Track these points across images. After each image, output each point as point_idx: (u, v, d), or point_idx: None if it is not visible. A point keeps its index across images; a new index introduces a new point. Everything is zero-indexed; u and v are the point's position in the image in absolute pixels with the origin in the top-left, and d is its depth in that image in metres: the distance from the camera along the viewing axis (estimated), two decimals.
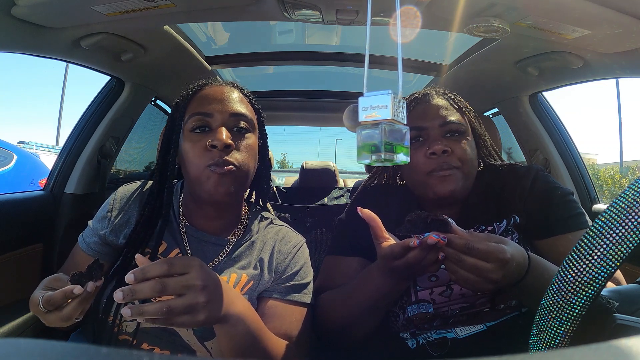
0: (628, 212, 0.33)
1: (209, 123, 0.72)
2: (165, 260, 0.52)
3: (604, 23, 0.85)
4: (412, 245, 0.60)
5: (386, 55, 1.52)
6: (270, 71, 2.01)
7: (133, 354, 0.17)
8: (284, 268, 0.77)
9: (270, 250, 0.79)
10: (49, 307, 0.56)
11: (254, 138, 0.77)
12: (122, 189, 0.82)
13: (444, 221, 0.60)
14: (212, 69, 1.58)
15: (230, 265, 0.76)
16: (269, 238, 0.81)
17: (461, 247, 0.57)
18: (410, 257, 0.61)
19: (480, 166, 0.88)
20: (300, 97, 2.06)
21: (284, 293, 0.75)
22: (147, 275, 0.50)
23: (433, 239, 0.58)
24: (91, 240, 0.78)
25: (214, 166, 0.69)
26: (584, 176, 1.49)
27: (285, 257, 0.78)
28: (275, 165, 3.55)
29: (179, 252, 0.75)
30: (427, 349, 0.79)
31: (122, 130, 1.51)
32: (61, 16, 0.93)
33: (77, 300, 0.56)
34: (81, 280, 0.57)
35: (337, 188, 2.16)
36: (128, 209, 0.78)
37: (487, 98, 1.62)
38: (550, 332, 0.36)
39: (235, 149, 0.71)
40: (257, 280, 0.75)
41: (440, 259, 0.60)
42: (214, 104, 0.73)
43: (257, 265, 0.77)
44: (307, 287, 0.79)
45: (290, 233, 0.84)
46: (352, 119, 0.45)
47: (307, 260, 0.82)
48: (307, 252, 0.83)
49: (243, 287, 0.74)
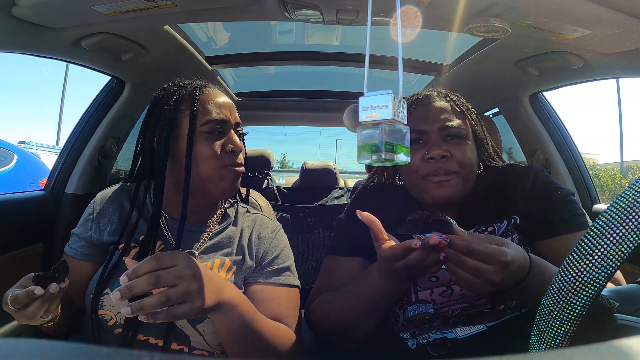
0: (628, 212, 0.33)
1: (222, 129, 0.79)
2: (153, 256, 0.56)
3: (605, 23, 0.85)
4: (413, 246, 0.59)
5: (387, 55, 1.52)
6: (270, 71, 2.01)
7: (133, 354, 0.17)
8: (264, 253, 0.81)
9: (249, 236, 0.82)
10: (15, 306, 0.59)
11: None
12: (100, 194, 0.86)
13: (446, 221, 0.60)
14: (213, 69, 1.58)
15: (213, 251, 0.79)
16: (247, 225, 0.84)
17: (462, 248, 0.57)
18: (412, 258, 0.60)
19: (481, 168, 0.88)
20: (300, 97, 2.07)
21: (268, 277, 0.79)
22: (138, 273, 0.53)
23: (435, 239, 0.57)
24: (77, 245, 0.81)
25: (231, 166, 0.78)
26: (585, 176, 1.49)
27: (265, 242, 0.82)
28: (276, 165, 3.56)
29: (161, 244, 0.79)
30: (427, 349, 0.79)
31: (123, 130, 1.51)
32: (61, 16, 0.94)
33: (39, 301, 0.58)
34: (42, 281, 0.59)
35: (337, 188, 2.17)
36: (108, 209, 0.82)
37: (487, 98, 1.62)
38: (550, 332, 0.36)
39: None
40: (240, 265, 0.79)
41: (441, 260, 0.60)
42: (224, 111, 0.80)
43: (239, 251, 0.80)
44: (290, 269, 0.82)
45: (267, 220, 0.88)
46: (353, 119, 0.45)
47: (286, 244, 0.86)
48: (285, 236, 0.87)
49: (227, 271, 0.77)
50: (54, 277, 0.60)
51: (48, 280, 0.59)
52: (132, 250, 0.77)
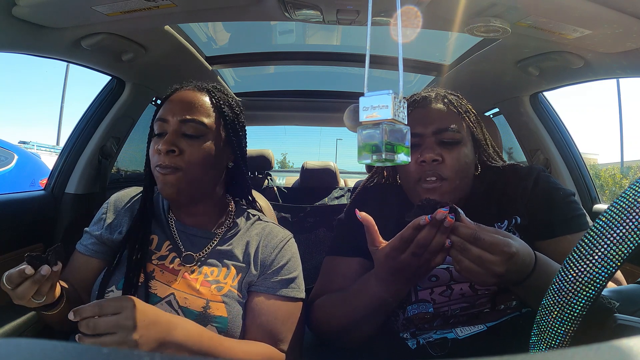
0: (629, 212, 0.33)
1: (165, 129, 0.78)
2: (97, 303, 0.58)
3: (605, 23, 0.85)
4: (422, 222, 0.59)
5: (387, 55, 1.52)
6: (270, 71, 2.01)
7: (133, 354, 0.17)
8: (270, 262, 0.79)
9: (256, 245, 0.81)
10: (9, 285, 0.60)
11: (209, 143, 0.79)
12: (115, 196, 0.87)
13: (453, 209, 0.60)
14: (213, 69, 1.58)
15: (218, 258, 0.78)
16: (255, 234, 0.83)
17: (468, 236, 0.57)
18: (420, 237, 0.60)
19: (479, 169, 0.87)
20: (301, 97, 2.07)
21: (271, 288, 0.77)
22: (81, 315, 0.56)
23: (442, 212, 0.57)
24: (88, 242, 0.82)
25: (158, 168, 0.76)
26: (585, 176, 1.49)
27: (272, 251, 0.80)
28: (276, 165, 3.56)
29: (169, 244, 0.79)
30: (427, 349, 0.79)
31: (123, 130, 1.51)
32: (62, 16, 0.94)
33: (30, 281, 0.59)
34: (34, 261, 0.60)
35: (337, 188, 2.17)
36: (121, 211, 0.84)
37: (487, 98, 1.62)
38: (551, 332, 0.36)
39: (180, 153, 0.75)
40: (245, 273, 0.78)
41: (448, 246, 0.59)
42: (170, 110, 0.78)
43: (244, 259, 0.79)
44: (295, 281, 0.80)
45: (277, 228, 0.86)
46: (353, 119, 0.45)
47: (295, 255, 0.83)
48: (295, 246, 0.85)
49: (234, 278, 0.76)
50: (46, 259, 0.60)
51: (41, 261, 0.60)
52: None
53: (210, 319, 0.70)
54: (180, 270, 0.75)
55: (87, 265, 0.80)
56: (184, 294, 0.72)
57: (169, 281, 0.73)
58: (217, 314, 0.71)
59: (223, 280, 0.75)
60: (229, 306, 0.72)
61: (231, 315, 0.72)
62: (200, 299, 0.71)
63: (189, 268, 0.75)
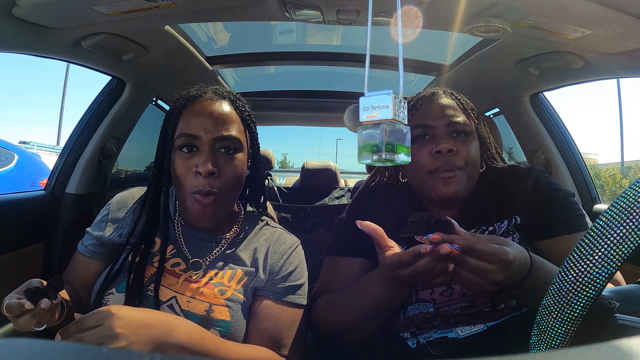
0: (629, 213, 0.33)
1: (195, 144, 0.73)
2: (77, 320, 0.58)
3: (605, 23, 0.85)
4: (423, 251, 0.58)
5: (387, 55, 1.52)
6: (271, 71, 2.01)
7: (133, 354, 0.17)
8: (278, 268, 0.78)
9: (265, 250, 0.80)
10: (9, 314, 0.59)
11: (241, 155, 0.77)
12: (118, 196, 0.85)
13: (448, 222, 0.60)
14: (213, 69, 1.58)
15: (225, 261, 0.77)
16: (264, 239, 0.82)
17: (464, 248, 0.57)
18: (420, 265, 0.59)
19: (483, 167, 0.88)
20: (301, 97, 2.07)
21: (278, 294, 0.76)
22: (68, 334, 0.57)
23: (446, 248, 0.56)
24: (88, 243, 0.81)
25: (198, 194, 0.72)
26: (585, 176, 1.49)
27: (280, 257, 0.79)
28: (276, 165, 3.56)
29: (173, 248, 0.78)
30: (427, 348, 0.79)
31: (123, 130, 1.51)
32: (62, 16, 0.94)
33: (30, 315, 0.59)
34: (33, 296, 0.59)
35: (338, 188, 2.16)
36: (124, 213, 0.82)
37: (488, 98, 1.62)
38: (551, 332, 0.36)
39: (219, 174, 0.73)
40: (252, 277, 0.77)
41: (450, 271, 0.59)
42: (201, 125, 0.73)
43: (252, 263, 0.78)
44: (301, 288, 0.79)
45: (285, 235, 0.85)
46: (353, 119, 0.45)
47: (302, 262, 0.82)
48: (302, 253, 0.84)
49: (238, 282, 0.75)
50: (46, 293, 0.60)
51: (40, 295, 0.59)
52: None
53: (213, 322, 0.69)
54: (182, 274, 0.74)
55: (87, 266, 0.79)
56: (187, 297, 0.71)
57: (170, 284, 0.72)
58: (220, 317, 0.70)
59: (227, 284, 0.74)
60: (232, 310, 0.71)
61: (234, 319, 0.71)
62: (203, 302, 0.70)
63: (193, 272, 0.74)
